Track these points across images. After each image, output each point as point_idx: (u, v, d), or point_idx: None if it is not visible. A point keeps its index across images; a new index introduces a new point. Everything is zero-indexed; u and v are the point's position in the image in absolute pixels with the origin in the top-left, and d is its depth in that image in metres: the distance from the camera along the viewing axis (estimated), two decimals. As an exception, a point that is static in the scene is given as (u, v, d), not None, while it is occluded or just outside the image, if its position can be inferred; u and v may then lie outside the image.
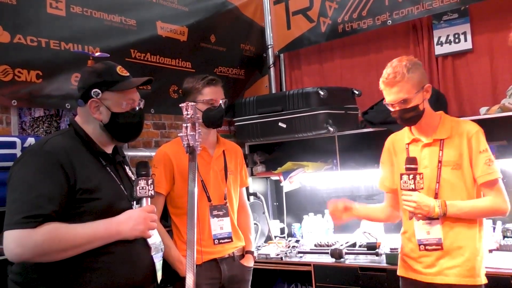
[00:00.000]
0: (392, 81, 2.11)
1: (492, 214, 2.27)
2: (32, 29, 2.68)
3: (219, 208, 2.56)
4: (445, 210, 2.10)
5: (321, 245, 3.40)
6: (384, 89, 2.17)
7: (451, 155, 2.16)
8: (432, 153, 2.20)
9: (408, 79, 2.10)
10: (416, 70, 2.13)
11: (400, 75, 2.09)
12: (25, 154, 1.69)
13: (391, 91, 2.13)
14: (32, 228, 1.52)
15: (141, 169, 1.85)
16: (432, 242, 2.15)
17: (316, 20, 4.03)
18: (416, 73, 2.13)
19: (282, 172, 3.73)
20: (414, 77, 2.11)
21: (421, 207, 2.10)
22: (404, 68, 2.10)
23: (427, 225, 2.15)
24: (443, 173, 2.16)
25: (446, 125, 2.21)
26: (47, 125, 2.83)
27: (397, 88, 2.11)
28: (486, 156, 2.12)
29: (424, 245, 2.16)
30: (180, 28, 3.60)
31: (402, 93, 2.11)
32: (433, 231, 2.15)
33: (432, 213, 2.10)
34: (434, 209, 2.09)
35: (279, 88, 4.39)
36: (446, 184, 2.16)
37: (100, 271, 1.67)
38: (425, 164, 2.19)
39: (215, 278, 2.49)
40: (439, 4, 3.36)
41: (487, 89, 3.37)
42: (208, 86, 2.51)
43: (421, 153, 2.22)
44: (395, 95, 2.12)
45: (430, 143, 2.21)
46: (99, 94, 1.76)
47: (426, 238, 2.15)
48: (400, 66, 2.11)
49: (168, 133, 3.61)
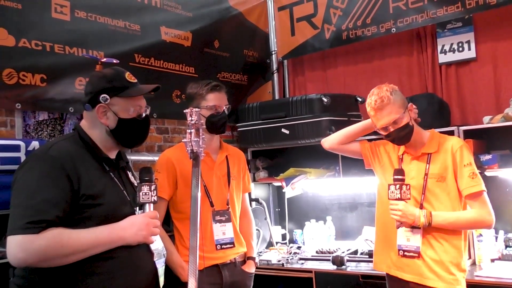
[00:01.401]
0: (381, 105, 2.23)
1: (477, 225, 2.44)
2: (36, 33, 2.70)
3: (221, 213, 2.56)
4: (430, 220, 2.21)
5: (322, 252, 3.40)
6: (374, 115, 2.28)
7: (436, 168, 2.29)
8: (419, 165, 2.33)
9: (394, 101, 2.23)
10: (396, 93, 2.27)
11: (386, 98, 2.22)
12: (29, 159, 1.69)
13: (382, 114, 2.24)
14: (35, 234, 1.52)
15: (144, 174, 1.84)
16: (410, 249, 2.26)
17: (320, 27, 4.04)
18: (398, 96, 2.27)
19: (285, 178, 3.73)
20: (398, 99, 2.25)
21: (407, 216, 2.20)
22: (387, 92, 2.24)
23: (409, 232, 2.27)
24: (429, 185, 2.28)
25: (434, 140, 2.35)
26: (51, 129, 2.83)
27: (387, 110, 2.23)
28: (470, 170, 2.23)
29: (403, 250, 2.28)
30: (184, 33, 3.61)
31: (393, 114, 2.23)
32: (413, 239, 2.26)
33: (417, 222, 2.20)
34: (419, 219, 2.20)
35: (282, 94, 4.40)
36: (430, 195, 2.28)
37: (102, 276, 1.67)
38: (412, 176, 2.31)
39: (217, 284, 2.48)
40: (443, 13, 3.37)
41: (490, 98, 3.36)
42: (212, 92, 2.51)
43: (410, 165, 2.35)
44: (387, 117, 2.24)
45: (418, 156, 2.35)
46: (108, 100, 1.77)
47: (406, 244, 2.28)
48: (383, 92, 2.25)
49: (171, 138, 3.61)
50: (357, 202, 3.78)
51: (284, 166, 3.83)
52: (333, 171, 3.65)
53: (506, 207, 2.25)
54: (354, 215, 3.80)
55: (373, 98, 2.26)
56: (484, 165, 2.94)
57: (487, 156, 2.95)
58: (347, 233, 3.77)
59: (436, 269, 2.21)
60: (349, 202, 3.81)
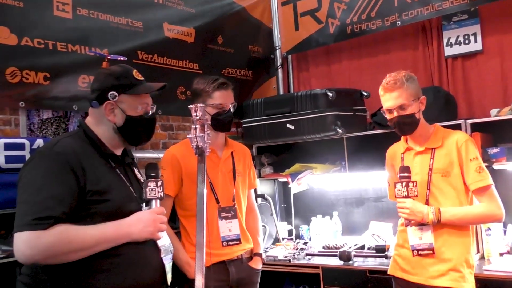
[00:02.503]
0: (392, 86, 2.23)
1: (486, 220, 2.40)
2: (39, 31, 2.69)
3: (227, 210, 2.54)
4: (439, 217, 2.18)
5: (329, 247, 3.38)
6: (383, 95, 2.28)
7: (441, 163, 2.25)
8: (423, 160, 2.30)
9: (407, 87, 2.23)
10: (413, 81, 2.27)
11: (400, 82, 2.22)
12: (35, 156, 1.68)
13: (391, 96, 2.24)
14: (42, 230, 1.51)
15: (150, 170, 1.83)
16: (424, 247, 2.22)
17: (324, 21, 4.01)
18: (413, 84, 2.27)
19: (290, 174, 3.72)
20: (411, 87, 2.25)
21: (415, 213, 2.18)
22: (403, 78, 2.24)
23: (419, 231, 2.23)
24: (434, 180, 2.25)
25: (438, 135, 2.32)
26: (55, 127, 2.83)
27: (397, 93, 2.22)
28: (477, 164, 2.21)
29: (417, 250, 2.23)
30: (187, 29, 3.59)
31: (400, 99, 2.22)
32: (425, 237, 2.22)
33: (426, 219, 2.17)
34: (428, 216, 2.17)
35: (287, 89, 4.37)
36: (436, 191, 2.25)
37: (109, 273, 1.66)
38: (417, 171, 2.28)
39: (224, 281, 2.47)
40: (449, 5, 3.33)
41: (497, 90, 3.33)
42: (218, 90, 2.47)
43: (413, 160, 2.32)
44: (394, 100, 2.23)
45: (422, 151, 2.31)
46: (116, 97, 1.76)
47: (419, 243, 2.23)
48: (399, 75, 2.25)
49: (175, 135, 3.60)
50: (363, 197, 3.75)
51: (290, 162, 3.81)
52: (339, 166, 3.64)
53: (511, 201, 2.23)
54: (361, 210, 3.78)
55: (387, 79, 2.27)
56: (492, 159, 2.91)
57: (495, 149, 2.92)
58: (353, 228, 3.75)
59: (444, 267, 2.18)
60: (356, 197, 3.79)
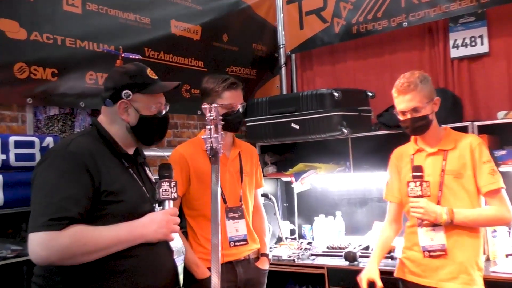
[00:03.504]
0: (406, 89, 2.22)
1: (497, 223, 2.39)
2: (48, 26, 2.67)
3: (234, 210, 2.53)
4: (453, 217, 2.16)
5: (333, 248, 3.38)
6: (397, 97, 2.27)
7: (453, 165, 2.25)
8: (435, 162, 2.29)
9: (420, 89, 2.22)
10: (427, 82, 2.26)
11: (413, 84, 2.21)
12: (49, 155, 1.66)
13: (404, 99, 2.23)
14: (58, 231, 1.49)
15: (164, 171, 1.82)
16: (436, 248, 2.20)
17: (330, 20, 4.00)
18: (428, 85, 2.26)
19: (294, 173, 3.70)
20: (426, 88, 2.24)
21: (428, 213, 2.16)
22: (417, 79, 2.23)
23: (431, 231, 2.21)
24: (446, 181, 2.24)
25: (451, 137, 2.32)
26: (62, 124, 2.80)
27: (410, 96, 2.21)
28: (490, 167, 2.21)
29: (429, 251, 2.22)
30: (193, 27, 3.58)
31: (414, 101, 2.21)
32: (437, 238, 2.21)
33: (439, 219, 2.16)
34: (441, 216, 2.16)
35: (290, 88, 4.36)
36: (448, 192, 2.24)
37: (123, 275, 1.65)
38: (428, 173, 2.26)
39: (231, 281, 2.46)
40: (456, 7, 3.33)
41: (503, 93, 3.33)
42: (228, 90, 2.44)
43: (425, 162, 2.30)
44: (407, 103, 2.23)
45: (434, 152, 2.30)
46: (130, 96, 1.74)
47: (431, 244, 2.21)
48: (413, 77, 2.24)
49: (180, 133, 3.58)
50: (367, 198, 3.75)
51: (293, 161, 3.80)
52: (343, 166, 3.63)
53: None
54: (364, 211, 3.78)
55: (401, 81, 2.25)
56: (498, 161, 2.90)
57: (502, 151, 2.93)
58: (356, 228, 3.74)
59: (455, 269, 2.18)
60: (359, 197, 3.79)
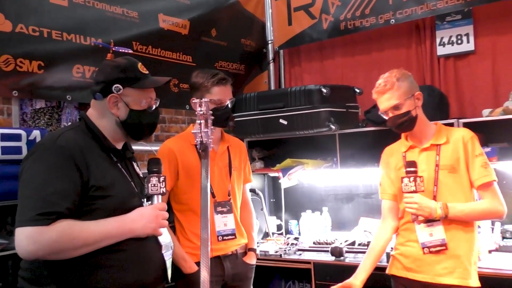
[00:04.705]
0: (383, 89, 2.25)
1: (490, 216, 2.41)
2: (34, 19, 2.64)
3: (223, 204, 2.54)
4: (447, 212, 2.16)
5: (320, 243, 3.40)
6: (377, 98, 2.30)
7: (447, 159, 2.25)
8: (429, 157, 2.29)
9: (397, 86, 2.24)
10: (405, 79, 2.27)
11: (390, 83, 2.24)
12: (37, 149, 1.64)
13: (383, 99, 2.26)
14: (46, 226, 1.48)
15: (153, 166, 1.81)
16: (436, 243, 2.19)
17: (318, 16, 4.01)
18: (405, 82, 2.27)
19: (281, 168, 3.71)
20: (403, 85, 2.25)
21: (423, 209, 2.16)
22: (394, 78, 2.25)
23: (429, 227, 2.21)
24: (441, 176, 2.24)
25: (443, 132, 2.32)
26: (48, 117, 2.77)
27: (388, 95, 2.24)
28: (482, 160, 2.23)
29: (428, 247, 2.21)
30: (182, 21, 3.56)
31: (392, 100, 2.24)
32: (436, 233, 2.20)
33: (434, 214, 2.16)
34: (436, 211, 2.15)
35: (278, 84, 4.36)
36: (443, 187, 2.24)
37: (111, 269, 1.64)
38: (423, 168, 2.26)
39: (219, 276, 2.47)
40: (443, 5, 3.36)
41: (488, 91, 3.37)
42: (217, 85, 2.45)
43: (418, 157, 2.30)
44: (386, 102, 2.25)
45: (427, 147, 2.31)
46: (121, 90, 1.73)
47: (430, 240, 2.20)
48: (390, 77, 2.26)
49: (168, 128, 3.57)
50: (353, 193, 3.78)
51: (281, 157, 3.81)
52: (330, 162, 3.65)
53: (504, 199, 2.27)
54: (351, 206, 3.80)
55: (379, 81, 2.28)
56: (484, 158, 2.95)
57: (487, 148, 2.95)
58: (343, 224, 3.77)
59: (452, 264, 2.18)
60: (346, 193, 3.81)
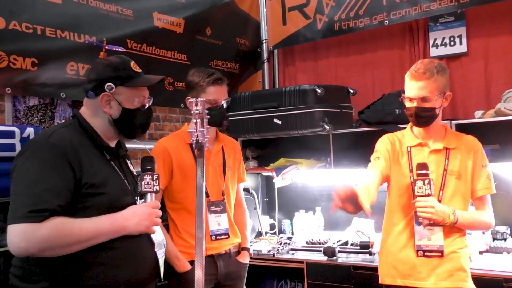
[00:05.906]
0: (421, 75, 2.10)
1: (485, 227, 2.44)
2: (27, 16, 2.62)
3: (217, 204, 2.54)
4: (457, 219, 2.09)
5: (312, 243, 3.40)
6: (409, 81, 2.15)
7: (455, 165, 2.18)
8: (438, 160, 2.20)
9: (435, 79, 2.10)
10: (444, 74, 2.14)
11: (430, 72, 2.09)
12: (29, 146, 1.64)
13: (416, 85, 2.11)
14: (38, 223, 1.48)
15: (146, 164, 1.82)
16: (432, 248, 2.14)
17: (312, 17, 4.01)
18: (444, 77, 2.14)
19: (275, 168, 3.72)
20: (441, 80, 2.12)
21: (438, 213, 2.04)
22: (435, 68, 2.10)
23: (429, 231, 2.14)
24: (447, 181, 2.17)
25: (452, 136, 2.26)
26: (42, 114, 2.76)
27: (423, 83, 2.10)
28: (488, 171, 2.19)
29: (423, 251, 2.15)
30: (177, 19, 3.55)
31: (425, 90, 2.10)
32: (435, 238, 2.14)
33: (446, 220, 2.07)
34: (449, 216, 2.07)
35: (272, 83, 4.37)
36: (448, 192, 2.17)
37: (103, 267, 1.64)
38: (431, 170, 2.15)
39: (212, 275, 2.47)
40: (436, 7, 3.38)
41: (481, 93, 3.39)
42: (213, 85, 2.45)
43: (427, 158, 2.20)
44: (418, 90, 2.11)
45: (439, 149, 2.21)
46: (113, 89, 1.73)
47: (427, 244, 2.14)
48: (432, 65, 2.11)
49: (162, 126, 3.56)
50: (346, 193, 3.78)
51: (274, 156, 3.81)
52: (324, 162, 3.66)
53: (494, 200, 2.28)
54: (344, 206, 3.81)
55: (418, 66, 2.12)
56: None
57: (479, 150, 2.99)
58: (336, 224, 3.78)
59: (451, 268, 2.14)
60: (339, 193, 3.81)
